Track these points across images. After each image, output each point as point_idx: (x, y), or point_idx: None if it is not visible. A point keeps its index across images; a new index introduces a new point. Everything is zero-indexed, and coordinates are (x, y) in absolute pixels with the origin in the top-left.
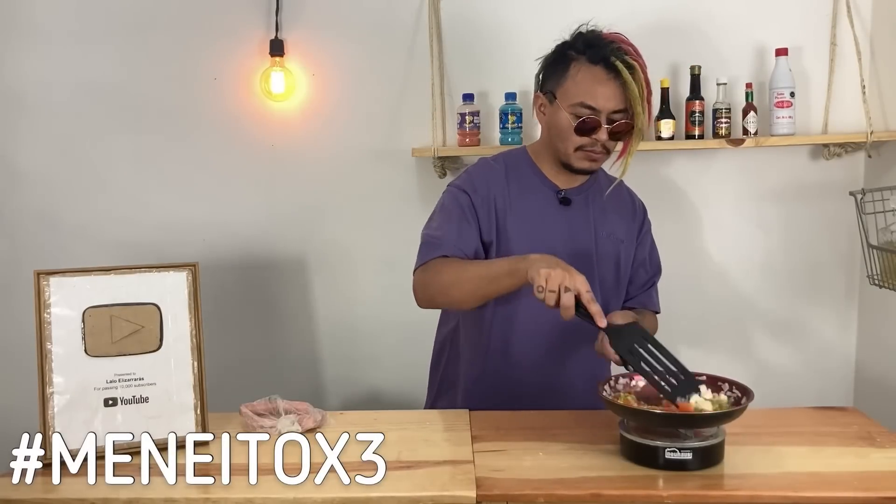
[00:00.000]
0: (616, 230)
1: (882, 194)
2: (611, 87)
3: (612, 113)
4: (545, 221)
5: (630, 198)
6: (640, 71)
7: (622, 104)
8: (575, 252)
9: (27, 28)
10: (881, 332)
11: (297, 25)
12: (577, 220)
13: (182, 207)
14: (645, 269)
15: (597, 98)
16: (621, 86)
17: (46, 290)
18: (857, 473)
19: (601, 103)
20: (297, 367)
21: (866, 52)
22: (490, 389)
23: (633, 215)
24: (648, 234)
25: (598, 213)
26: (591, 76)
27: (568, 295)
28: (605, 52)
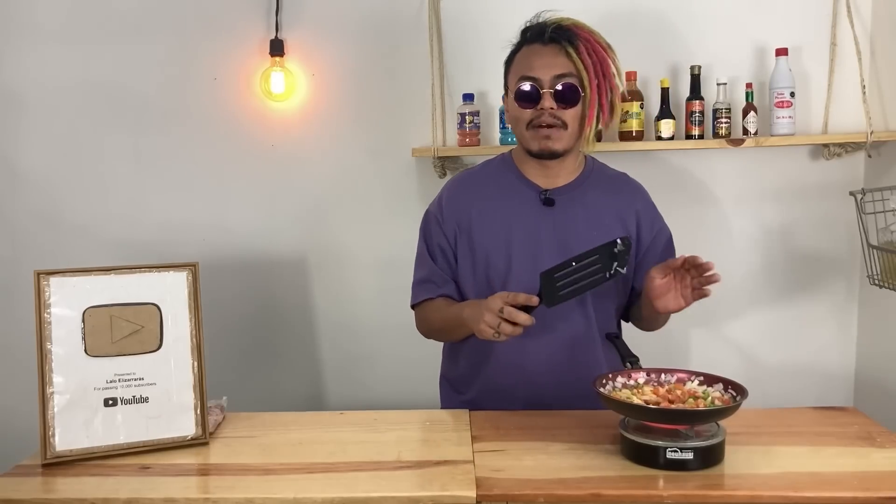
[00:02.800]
0: (611, 229)
1: (882, 194)
2: (547, 55)
3: (555, 78)
4: (526, 225)
5: (632, 195)
6: (582, 40)
7: (565, 69)
8: (560, 253)
9: (27, 28)
10: (881, 332)
11: (297, 25)
12: (561, 221)
13: (182, 207)
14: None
15: (533, 67)
16: (561, 53)
17: (46, 290)
18: (857, 473)
19: (539, 71)
20: (297, 367)
21: (866, 52)
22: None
23: (631, 213)
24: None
25: (587, 213)
26: (528, 53)
27: (506, 325)
28: (539, 29)
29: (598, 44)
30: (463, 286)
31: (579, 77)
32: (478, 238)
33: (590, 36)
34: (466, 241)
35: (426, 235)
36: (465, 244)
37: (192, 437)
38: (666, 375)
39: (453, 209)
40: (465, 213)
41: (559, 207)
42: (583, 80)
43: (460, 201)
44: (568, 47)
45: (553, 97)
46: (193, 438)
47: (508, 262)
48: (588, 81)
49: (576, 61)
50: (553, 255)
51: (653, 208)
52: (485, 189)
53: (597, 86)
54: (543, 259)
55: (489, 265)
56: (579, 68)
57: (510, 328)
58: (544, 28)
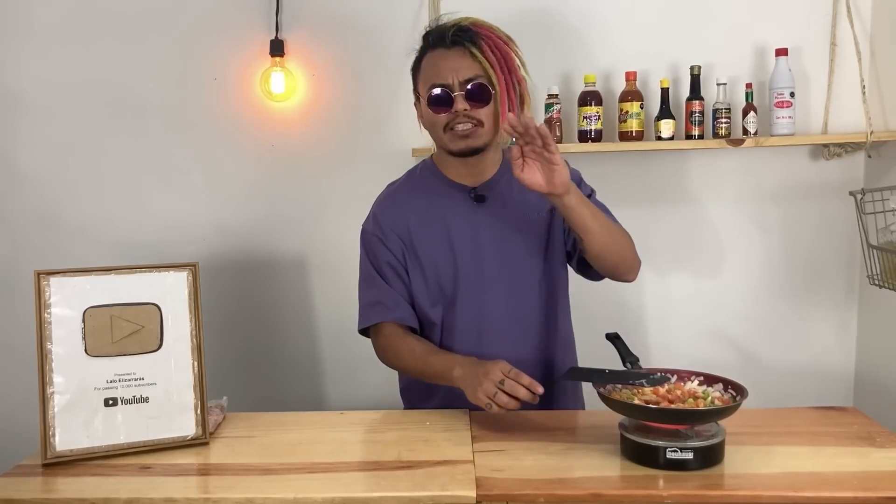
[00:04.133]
0: (539, 205)
1: (882, 194)
2: (452, 59)
3: (464, 82)
4: (463, 226)
5: None
6: (483, 39)
7: (473, 72)
8: (498, 246)
9: (27, 28)
10: (881, 332)
11: (297, 26)
12: (494, 215)
13: (182, 207)
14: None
15: (441, 73)
16: (466, 55)
17: (47, 290)
18: (857, 473)
19: (447, 76)
20: (297, 367)
21: (866, 52)
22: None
23: None
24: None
25: (516, 200)
26: (432, 59)
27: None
28: (439, 34)
29: (500, 38)
30: (417, 299)
31: (487, 75)
32: (421, 249)
33: (490, 33)
34: (412, 254)
35: (370, 256)
36: (412, 258)
37: (192, 437)
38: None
39: (391, 225)
40: (404, 227)
41: (490, 203)
42: (490, 77)
43: (395, 216)
44: (472, 48)
45: (465, 99)
46: (193, 438)
47: (455, 267)
48: (496, 78)
49: (481, 61)
50: (494, 250)
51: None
52: (416, 200)
53: (504, 81)
54: (486, 257)
55: (439, 274)
56: (485, 67)
57: (506, 399)
58: (445, 32)
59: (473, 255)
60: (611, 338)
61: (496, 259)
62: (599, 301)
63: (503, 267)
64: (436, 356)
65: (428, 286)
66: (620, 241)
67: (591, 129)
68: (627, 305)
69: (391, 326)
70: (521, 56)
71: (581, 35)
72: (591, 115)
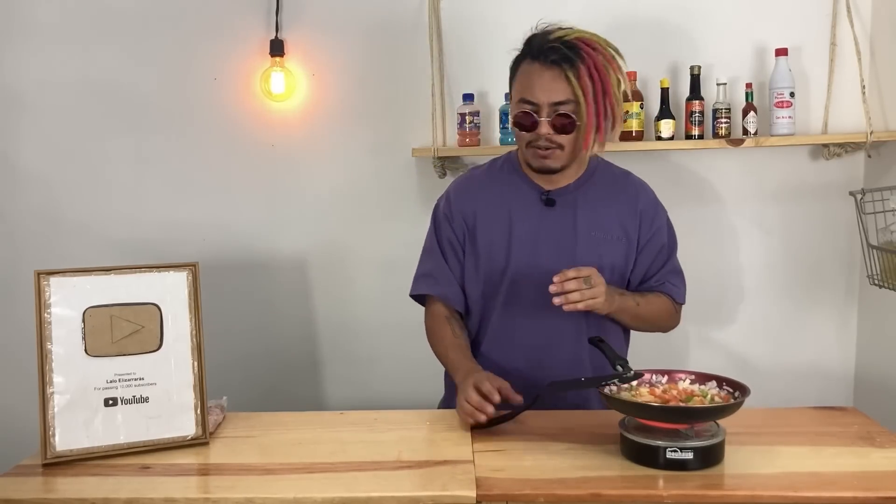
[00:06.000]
0: (610, 229)
1: (882, 194)
2: (546, 79)
3: (553, 105)
4: (526, 224)
5: (635, 194)
6: (584, 61)
7: (564, 95)
8: (557, 252)
9: (27, 28)
10: (881, 332)
11: (297, 25)
12: (559, 221)
13: (182, 207)
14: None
15: (533, 92)
16: (561, 78)
17: (47, 290)
18: (856, 473)
19: (538, 96)
20: (297, 367)
21: (866, 52)
22: None
23: (633, 213)
24: (662, 231)
25: (587, 213)
26: (528, 72)
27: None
28: (542, 46)
29: (603, 55)
30: (467, 284)
31: (577, 103)
32: (480, 237)
33: (593, 52)
34: (472, 240)
35: (437, 230)
36: (470, 244)
37: (192, 437)
38: (657, 376)
39: (460, 207)
40: (471, 211)
41: (559, 208)
42: (581, 105)
43: (465, 200)
44: (568, 71)
45: (550, 125)
46: (193, 438)
47: (507, 261)
48: (585, 108)
49: (574, 87)
50: (551, 255)
51: (655, 207)
52: (489, 189)
53: (594, 110)
54: (542, 258)
55: (491, 266)
56: (577, 94)
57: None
58: (547, 45)
59: (529, 255)
60: (594, 341)
61: (552, 264)
62: None
63: (556, 270)
64: (455, 353)
65: (478, 274)
66: (657, 324)
67: None
68: None
69: (439, 306)
70: (621, 75)
71: None
72: None
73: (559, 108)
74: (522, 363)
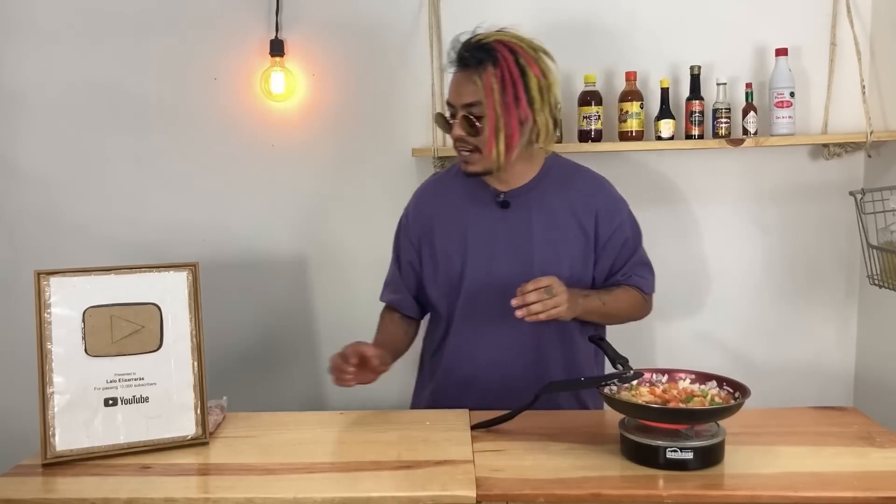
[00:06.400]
0: (567, 228)
1: (882, 194)
2: (458, 82)
3: (464, 107)
4: (481, 227)
5: (592, 192)
6: (496, 63)
7: (472, 97)
8: (513, 254)
9: (27, 28)
10: (881, 332)
11: (297, 25)
12: (515, 222)
13: (182, 207)
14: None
15: (451, 93)
16: (470, 80)
17: (47, 290)
18: (856, 473)
19: (452, 99)
20: (297, 367)
21: (866, 52)
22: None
23: (589, 212)
24: (623, 225)
25: (542, 213)
26: (453, 76)
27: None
28: (462, 50)
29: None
30: (428, 290)
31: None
32: (438, 242)
33: (509, 54)
34: (428, 245)
35: (395, 241)
36: (427, 249)
37: (192, 437)
38: (657, 376)
39: (418, 216)
40: (428, 219)
41: (514, 209)
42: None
43: (423, 207)
44: (474, 73)
45: (460, 126)
46: (193, 438)
47: (463, 264)
48: (487, 109)
49: (478, 88)
50: (508, 257)
51: (615, 203)
52: (446, 194)
53: (501, 111)
54: (499, 260)
55: (449, 269)
56: (481, 96)
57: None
58: (465, 49)
59: (487, 257)
60: (595, 340)
61: (509, 266)
62: None
63: (515, 275)
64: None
65: (437, 279)
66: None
67: (591, 129)
68: None
69: (393, 310)
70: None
71: (581, 35)
72: (591, 115)
73: (469, 109)
74: (485, 365)
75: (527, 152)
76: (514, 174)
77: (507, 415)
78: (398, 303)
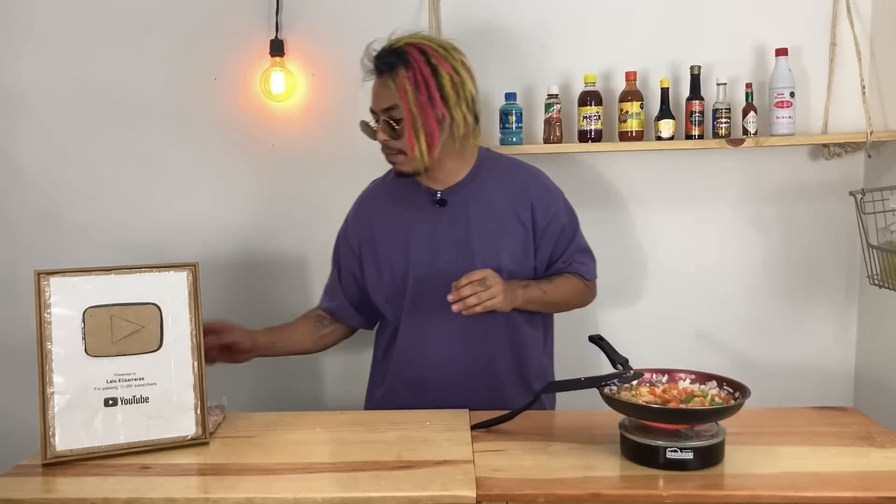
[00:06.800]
0: (504, 220)
1: (882, 194)
2: (376, 88)
3: (384, 112)
4: (421, 227)
5: (526, 183)
6: (408, 66)
7: (390, 101)
8: (455, 251)
9: (27, 28)
10: (881, 332)
11: (297, 25)
12: (454, 219)
13: (182, 207)
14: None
15: (371, 101)
16: (385, 85)
17: (47, 290)
18: (856, 473)
19: (373, 104)
20: (297, 367)
21: (866, 52)
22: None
23: (524, 203)
24: (559, 214)
25: (479, 208)
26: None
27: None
28: (374, 58)
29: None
30: (372, 294)
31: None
32: (380, 247)
33: (420, 56)
34: (370, 251)
35: (336, 250)
36: (369, 255)
37: (192, 437)
38: (657, 376)
39: (357, 223)
40: (368, 225)
41: (452, 206)
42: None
43: (363, 215)
44: (388, 78)
45: (383, 131)
46: (193, 438)
47: (406, 265)
48: (403, 111)
49: (392, 92)
50: (450, 254)
51: (549, 193)
52: (384, 199)
53: (416, 112)
54: (441, 258)
55: (393, 272)
56: (396, 99)
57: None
58: (375, 58)
59: (430, 256)
60: (595, 340)
61: (451, 262)
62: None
63: (457, 271)
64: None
65: (382, 282)
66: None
67: (591, 129)
68: (626, 306)
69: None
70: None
71: (581, 35)
72: (590, 115)
73: (388, 114)
74: (434, 363)
75: (455, 150)
76: (447, 172)
77: (507, 415)
78: (335, 309)
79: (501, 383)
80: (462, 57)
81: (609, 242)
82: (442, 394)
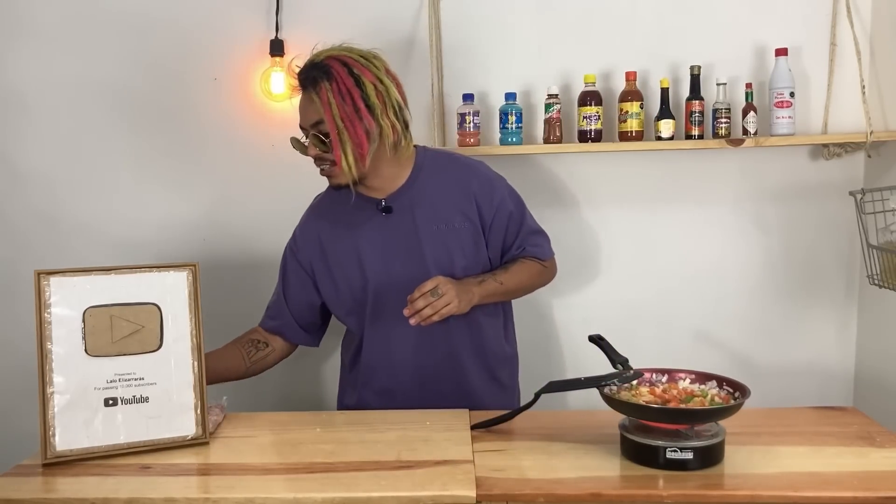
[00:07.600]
0: (451, 218)
1: (882, 194)
2: (302, 104)
3: (312, 127)
4: (371, 236)
5: (467, 178)
6: (330, 78)
7: (316, 116)
8: (406, 256)
9: (28, 28)
10: (881, 332)
11: (297, 25)
12: (401, 225)
13: (182, 207)
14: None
15: (300, 118)
16: (309, 99)
17: (47, 290)
18: (856, 473)
19: (301, 121)
20: (297, 367)
21: (866, 52)
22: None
23: (468, 198)
24: (504, 202)
25: (425, 210)
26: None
27: None
28: (301, 73)
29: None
30: (332, 308)
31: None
32: (332, 261)
33: (342, 67)
34: (323, 267)
35: (283, 268)
36: (322, 269)
37: (192, 437)
38: (657, 376)
39: (305, 241)
40: (316, 241)
41: (398, 212)
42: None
43: (310, 232)
44: (311, 92)
45: (313, 146)
46: (193, 438)
47: (364, 278)
48: (328, 124)
49: (317, 105)
50: (403, 260)
51: (490, 184)
52: (328, 213)
53: (341, 125)
54: (395, 265)
55: (350, 284)
56: (321, 112)
57: None
58: (299, 73)
59: (384, 266)
60: (594, 340)
61: (405, 268)
62: (598, 301)
63: (412, 275)
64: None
65: (340, 296)
66: (532, 287)
67: (590, 129)
68: (626, 305)
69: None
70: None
71: (581, 35)
72: (590, 115)
73: (316, 128)
74: (402, 370)
75: (389, 156)
76: (386, 179)
77: (507, 415)
78: (280, 328)
79: (468, 379)
80: (385, 65)
81: (609, 242)
82: (411, 400)
